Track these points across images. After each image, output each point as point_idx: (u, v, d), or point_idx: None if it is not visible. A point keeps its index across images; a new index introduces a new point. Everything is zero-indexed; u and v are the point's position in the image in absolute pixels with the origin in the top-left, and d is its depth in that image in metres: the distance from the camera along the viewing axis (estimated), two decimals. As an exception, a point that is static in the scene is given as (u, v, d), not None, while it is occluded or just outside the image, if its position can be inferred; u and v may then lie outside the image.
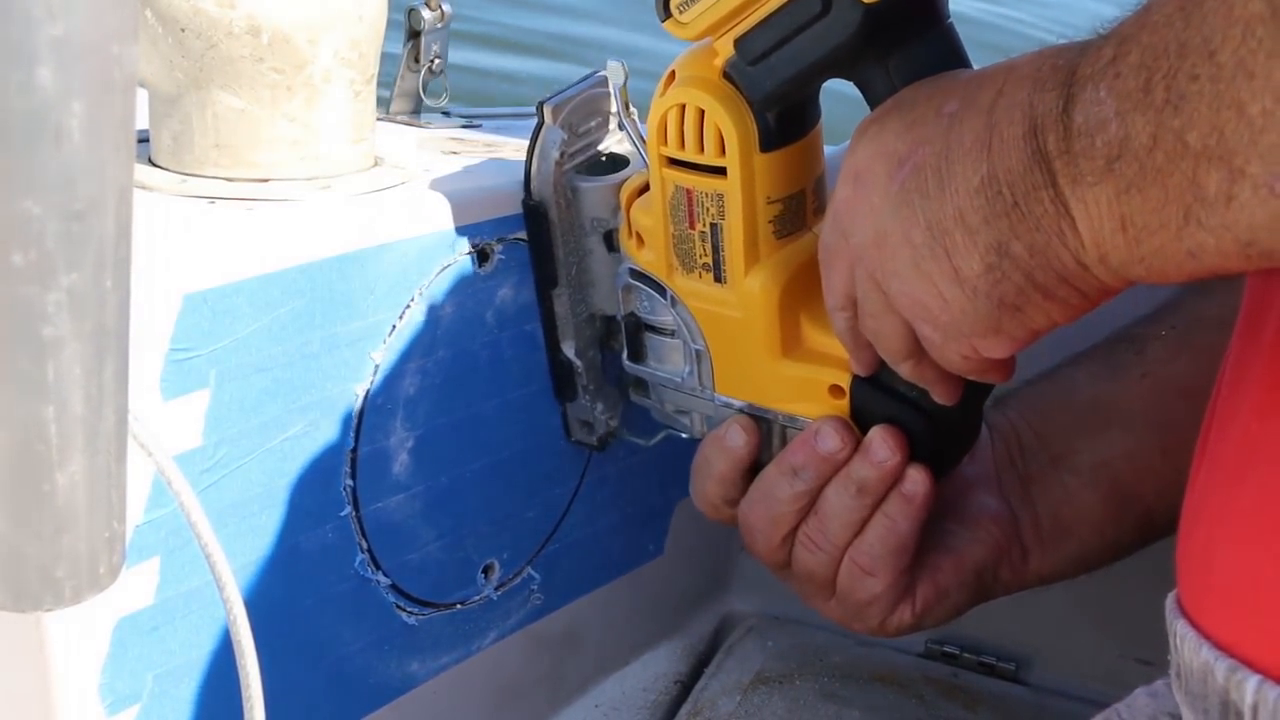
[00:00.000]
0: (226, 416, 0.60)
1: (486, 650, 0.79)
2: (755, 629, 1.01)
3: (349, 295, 0.65)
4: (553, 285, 0.75)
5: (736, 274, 0.66)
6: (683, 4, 0.61)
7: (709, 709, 0.90)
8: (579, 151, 0.73)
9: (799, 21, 0.58)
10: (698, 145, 0.64)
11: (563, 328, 0.76)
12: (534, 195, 0.72)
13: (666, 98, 0.64)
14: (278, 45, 0.65)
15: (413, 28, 0.89)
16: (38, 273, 0.33)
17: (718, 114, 0.63)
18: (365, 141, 0.71)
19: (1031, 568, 0.73)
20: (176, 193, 0.65)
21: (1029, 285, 0.50)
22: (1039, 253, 0.48)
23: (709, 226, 0.66)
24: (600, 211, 0.73)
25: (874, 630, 0.72)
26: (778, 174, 0.65)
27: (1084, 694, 0.96)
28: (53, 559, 0.35)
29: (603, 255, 0.74)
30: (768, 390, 0.69)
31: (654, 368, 0.73)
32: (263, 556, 0.63)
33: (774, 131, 0.63)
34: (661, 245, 0.68)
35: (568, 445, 0.80)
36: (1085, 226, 0.46)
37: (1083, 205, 0.46)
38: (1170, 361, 0.70)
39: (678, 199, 0.66)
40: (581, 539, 0.85)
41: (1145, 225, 0.44)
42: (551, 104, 0.71)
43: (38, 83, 0.31)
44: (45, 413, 0.34)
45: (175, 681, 0.60)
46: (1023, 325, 0.52)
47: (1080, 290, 0.49)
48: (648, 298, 0.71)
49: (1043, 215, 0.47)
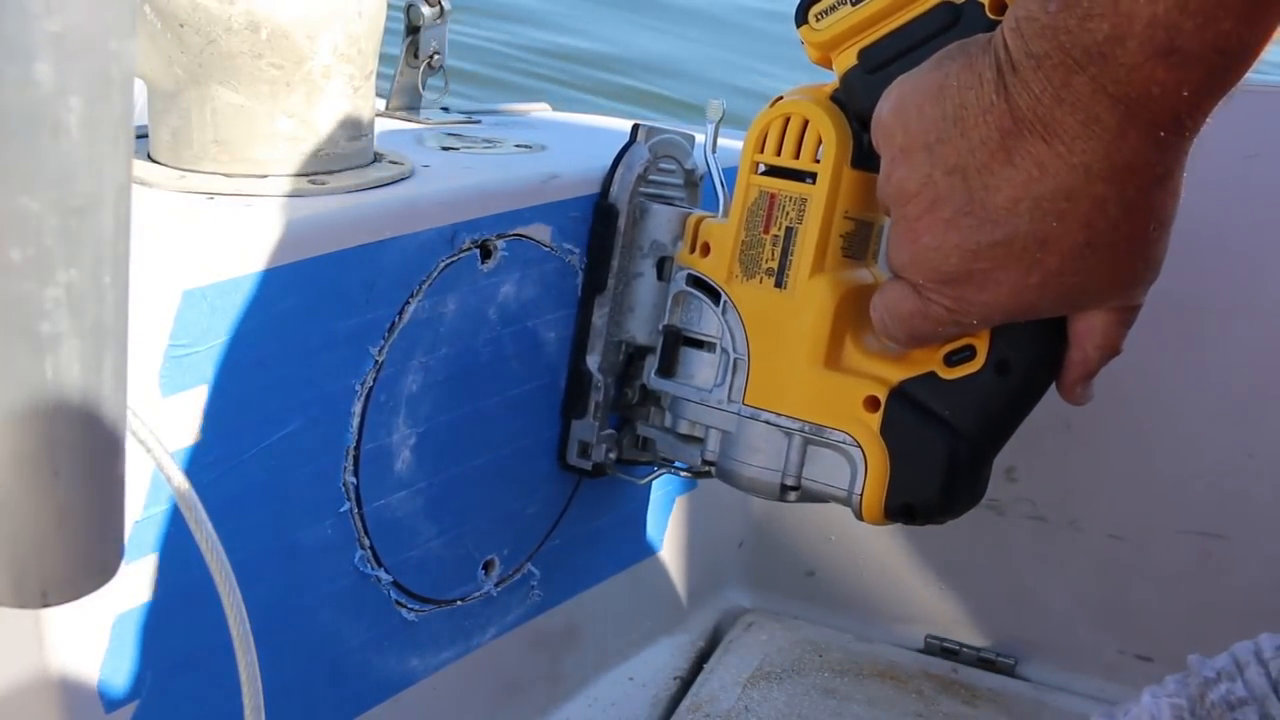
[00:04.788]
0: (225, 412, 0.60)
1: (486, 646, 0.80)
2: (755, 625, 1.01)
3: (348, 291, 0.65)
4: (600, 290, 0.77)
5: (800, 278, 0.69)
6: (821, 12, 0.64)
7: (709, 704, 0.90)
8: (652, 183, 0.78)
9: (929, 31, 0.61)
10: (794, 151, 0.69)
11: (593, 340, 0.78)
12: (610, 198, 0.76)
13: (773, 110, 0.69)
14: (277, 41, 0.65)
15: (412, 23, 0.89)
16: (36, 269, 0.33)
17: (822, 122, 0.67)
18: (364, 137, 0.71)
19: None
20: (175, 188, 0.65)
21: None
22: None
23: (784, 230, 0.69)
24: (663, 236, 0.77)
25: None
26: (861, 193, 0.68)
27: (1083, 689, 0.96)
28: (51, 555, 0.35)
29: (651, 281, 0.77)
30: (801, 401, 0.70)
31: (682, 383, 0.75)
32: (262, 552, 0.63)
33: (868, 152, 0.66)
34: (727, 252, 0.72)
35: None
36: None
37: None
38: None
39: (759, 204, 0.70)
40: (581, 535, 0.85)
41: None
42: (645, 127, 0.78)
43: (35, 78, 0.31)
44: (43, 409, 0.34)
45: (174, 677, 0.60)
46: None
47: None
48: (697, 306, 0.74)
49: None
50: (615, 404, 0.80)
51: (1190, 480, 0.93)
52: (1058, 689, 0.97)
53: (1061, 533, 0.97)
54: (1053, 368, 0.62)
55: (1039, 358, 0.62)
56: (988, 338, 0.63)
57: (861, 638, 1.01)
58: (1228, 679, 0.55)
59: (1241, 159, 0.87)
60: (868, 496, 0.67)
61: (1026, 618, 0.98)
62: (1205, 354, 0.92)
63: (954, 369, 0.64)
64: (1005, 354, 0.63)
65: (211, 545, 0.47)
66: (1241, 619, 0.59)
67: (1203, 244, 0.89)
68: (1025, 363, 0.63)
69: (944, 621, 1.00)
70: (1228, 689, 0.55)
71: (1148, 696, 0.56)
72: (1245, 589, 0.92)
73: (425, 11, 0.89)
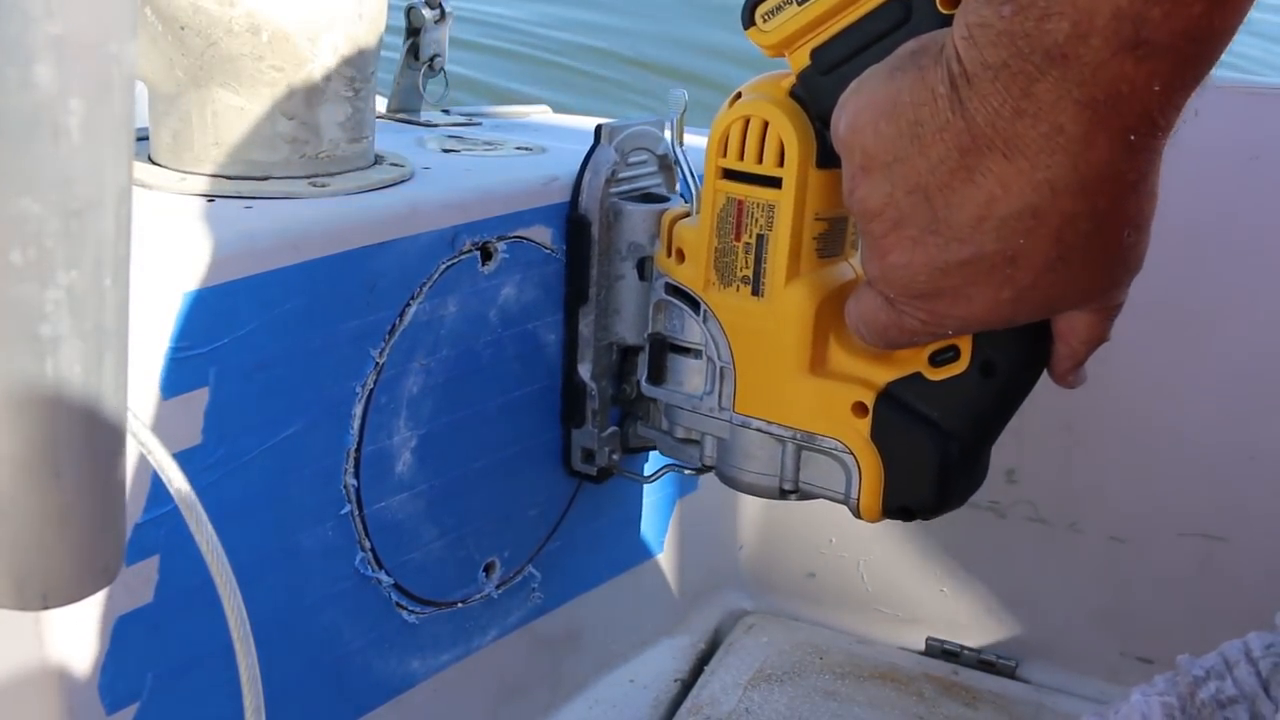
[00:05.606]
0: (226, 414, 0.60)
1: (487, 648, 0.80)
2: (756, 626, 1.01)
3: (349, 293, 0.65)
4: (583, 301, 0.76)
5: (776, 285, 0.68)
6: (767, 14, 0.62)
7: (709, 706, 0.90)
8: (624, 180, 0.77)
9: (880, 29, 0.59)
10: (757, 156, 0.66)
11: (582, 350, 0.78)
12: (580, 208, 0.75)
13: (732, 111, 0.67)
14: (277, 43, 0.65)
15: (412, 25, 0.89)
16: (37, 271, 0.33)
17: (782, 125, 0.65)
18: (365, 139, 0.71)
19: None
20: (176, 190, 0.65)
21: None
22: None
23: (755, 238, 0.68)
24: (639, 237, 0.76)
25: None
26: (829, 192, 0.66)
27: (1084, 691, 0.96)
28: (52, 557, 0.35)
29: (634, 282, 0.76)
30: (789, 408, 0.69)
31: (672, 389, 0.74)
32: (263, 555, 0.63)
33: (832, 150, 0.64)
34: (702, 260, 0.70)
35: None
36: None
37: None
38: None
39: (727, 211, 0.68)
40: (582, 537, 0.85)
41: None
42: (609, 127, 0.76)
43: (36, 80, 0.31)
44: (44, 411, 0.34)
45: (175, 679, 0.60)
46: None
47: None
48: (679, 315, 0.72)
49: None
50: (615, 400, 0.80)
51: (1191, 482, 0.93)
52: (1058, 691, 0.97)
53: (1062, 535, 0.97)
54: (1038, 365, 0.62)
55: (1023, 357, 0.62)
56: (970, 340, 0.62)
57: (862, 640, 1.01)
58: (1217, 677, 0.55)
59: (1242, 160, 0.87)
60: (864, 500, 0.67)
61: (1027, 620, 0.98)
62: (1206, 356, 0.92)
63: (939, 369, 0.64)
64: (989, 356, 0.62)
65: (212, 547, 0.47)
66: (1242, 621, 0.59)
67: (1204, 245, 0.89)
68: (1009, 363, 0.62)
69: (945, 623, 1.00)
70: (1217, 687, 0.55)
71: (1137, 695, 0.56)
72: (1246, 591, 0.92)
73: (426, 14, 0.89)
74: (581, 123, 0.99)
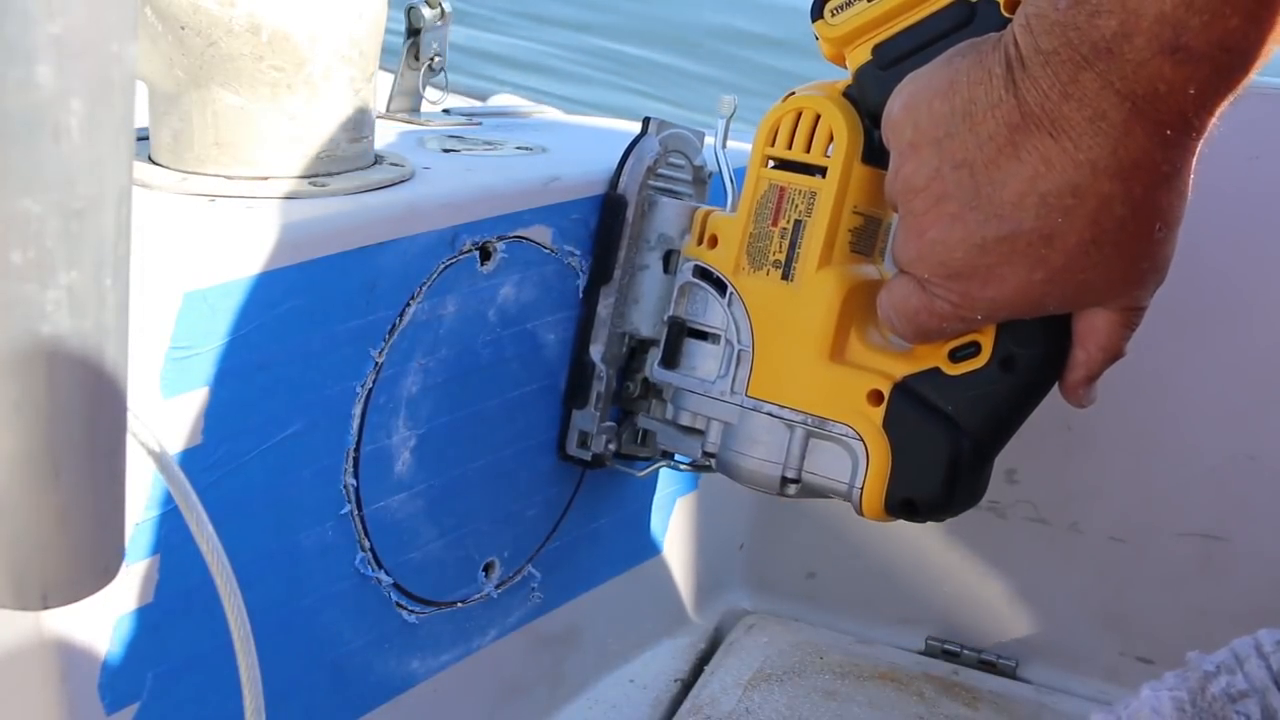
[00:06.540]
0: (226, 414, 0.60)
1: (487, 648, 0.80)
2: (755, 626, 1.01)
3: (348, 293, 0.65)
4: (606, 280, 0.77)
5: (808, 271, 0.70)
6: (837, 8, 0.65)
7: (709, 706, 0.90)
8: (661, 177, 0.79)
9: (943, 28, 0.61)
10: (805, 145, 0.69)
11: (596, 330, 0.78)
12: (619, 188, 0.77)
13: (786, 104, 0.70)
14: (278, 43, 0.65)
15: (413, 25, 0.89)
16: (37, 271, 0.33)
17: (834, 117, 0.68)
18: (365, 139, 0.71)
19: None
20: (176, 191, 0.65)
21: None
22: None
23: (792, 224, 0.70)
24: (669, 229, 0.77)
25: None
26: (870, 189, 0.69)
27: (1084, 691, 0.96)
28: (52, 557, 0.35)
29: (657, 273, 0.78)
30: (804, 393, 0.70)
31: (684, 374, 0.75)
32: (263, 554, 0.63)
33: (879, 149, 0.67)
34: (735, 243, 0.72)
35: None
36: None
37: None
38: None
39: (768, 197, 0.71)
40: (582, 537, 0.85)
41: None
42: (657, 120, 0.78)
43: (37, 80, 0.31)
44: (45, 411, 0.34)
45: (175, 679, 0.60)
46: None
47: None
48: (703, 298, 0.74)
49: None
50: (616, 397, 0.80)
51: (1191, 482, 0.93)
52: (1059, 691, 0.97)
53: (1062, 535, 0.97)
54: (1057, 366, 0.63)
55: (1044, 355, 0.63)
56: (993, 334, 0.63)
57: (862, 639, 1.01)
58: (1227, 672, 0.55)
59: (1243, 161, 0.87)
60: (868, 490, 0.67)
61: (1027, 620, 0.98)
62: (1206, 356, 0.92)
63: (958, 365, 0.65)
64: (1010, 350, 0.63)
65: (212, 547, 0.47)
66: (1242, 621, 0.59)
67: (1204, 245, 0.88)
68: (1030, 360, 0.63)
69: (945, 623, 1.00)
70: (1228, 682, 0.55)
71: (1147, 690, 0.56)
72: (1246, 591, 0.92)
73: (426, 14, 0.89)
74: (582, 123, 0.99)
